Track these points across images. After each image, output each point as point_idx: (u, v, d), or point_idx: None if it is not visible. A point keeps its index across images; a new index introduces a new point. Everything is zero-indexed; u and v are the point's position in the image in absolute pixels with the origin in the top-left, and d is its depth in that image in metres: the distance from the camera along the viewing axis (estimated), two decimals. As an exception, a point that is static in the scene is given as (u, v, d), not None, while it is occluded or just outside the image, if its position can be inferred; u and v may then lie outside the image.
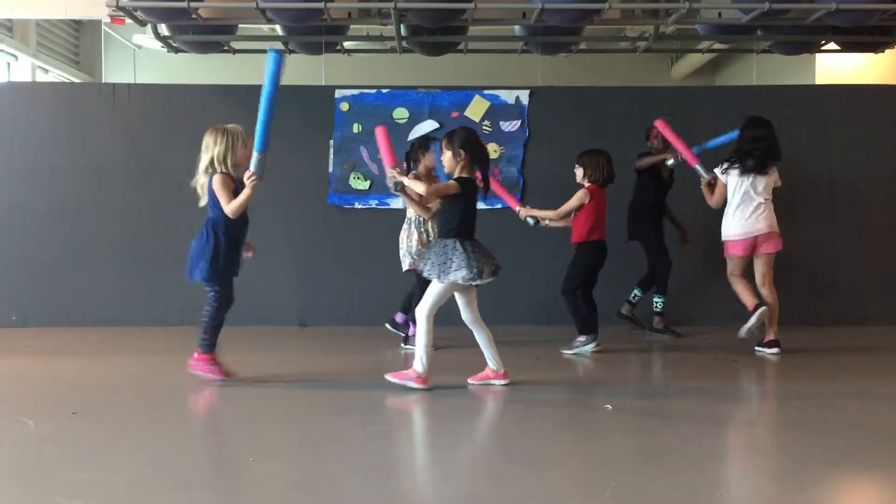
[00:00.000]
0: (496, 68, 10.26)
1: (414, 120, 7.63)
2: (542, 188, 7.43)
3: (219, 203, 4.84)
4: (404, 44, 7.57)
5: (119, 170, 7.59)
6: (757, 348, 6.11)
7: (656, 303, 6.95)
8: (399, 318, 6.38)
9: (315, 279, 7.62)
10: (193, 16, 6.55)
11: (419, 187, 4.92)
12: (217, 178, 4.83)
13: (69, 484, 3.10)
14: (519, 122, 7.73)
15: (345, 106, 7.73)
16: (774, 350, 6.03)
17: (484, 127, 7.69)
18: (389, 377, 4.77)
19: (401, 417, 4.40)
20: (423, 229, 6.05)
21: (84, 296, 7.52)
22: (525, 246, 7.34)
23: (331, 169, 7.68)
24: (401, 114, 7.68)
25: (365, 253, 7.55)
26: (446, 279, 4.65)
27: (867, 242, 7.74)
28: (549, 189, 7.10)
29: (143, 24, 6.95)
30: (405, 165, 6.04)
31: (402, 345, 6.30)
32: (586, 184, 6.07)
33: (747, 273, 6.13)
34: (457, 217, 4.76)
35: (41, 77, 10.07)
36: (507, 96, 7.76)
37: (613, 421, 4.15)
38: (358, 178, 7.65)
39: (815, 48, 7.89)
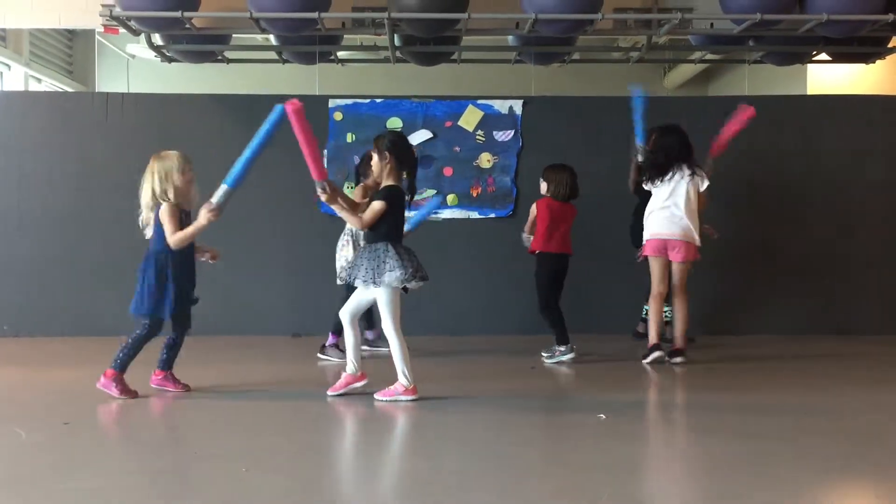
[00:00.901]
0: (490, 78, 10.28)
1: (408, 130, 7.62)
2: (535, 198, 7.40)
3: (164, 234, 4.73)
4: (398, 53, 7.57)
5: (112, 179, 7.56)
6: (668, 359, 6.03)
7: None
8: (331, 339, 6.34)
9: (308, 288, 7.61)
10: (187, 25, 6.56)
11: (353, 221, 4.83)
12: (165, 207, 4.73)
13: (61, 494, 3.08)
14: (512, 132, 7.74)
15: (338, 115, 7.74)
16: (679, 359, 5.99)
17: (477, 136, 7.70)
18: (378, 397, 4.74)
19: (392, 426, 4.39)
20: (360, 242, 6.00)
21: (77, 305, 7.50)
22: (518, 255, 7.33)
23: (324, 178, 7.67)
24: (394, 123, 7.69)
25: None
26: (381, 281, 4.66)
27: (860, 251, 7.76)
28: (543, 198, 7.11)
29: (136, 33, 6.94)
30: (356, 178, 6.05)
31: (318, 355, 6.32)
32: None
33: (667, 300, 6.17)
34: (385, 223, 4.77)
35: (34, 86, 10.05)
36: (501, 106, 7.78)
37: (607, 429, 4.15)
38: (351, 188, 7.62)
39: (806, 59, 7.92)
